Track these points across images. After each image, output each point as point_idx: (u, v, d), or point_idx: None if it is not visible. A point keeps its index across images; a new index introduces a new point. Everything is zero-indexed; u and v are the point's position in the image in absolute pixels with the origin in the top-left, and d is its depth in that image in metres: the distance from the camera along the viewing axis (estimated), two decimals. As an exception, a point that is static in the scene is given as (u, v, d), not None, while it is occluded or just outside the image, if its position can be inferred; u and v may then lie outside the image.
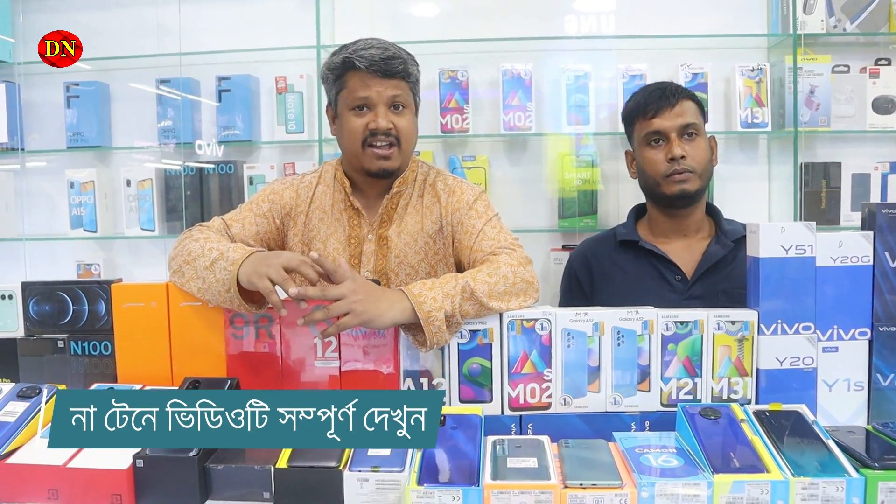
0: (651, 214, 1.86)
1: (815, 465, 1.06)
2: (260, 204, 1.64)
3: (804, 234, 1.28)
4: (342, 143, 1.63)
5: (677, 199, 1.74)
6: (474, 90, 2.68)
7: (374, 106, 1.55)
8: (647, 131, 1.76)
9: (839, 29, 2.55)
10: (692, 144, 1.74)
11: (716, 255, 1.74)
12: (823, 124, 2.57)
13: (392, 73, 1.54)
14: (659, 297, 1.68)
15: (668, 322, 1.30)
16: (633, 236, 1.83)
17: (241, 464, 1.11)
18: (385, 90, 1.55)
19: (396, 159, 1.58)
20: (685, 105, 1.75)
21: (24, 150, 2.85)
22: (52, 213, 2.93)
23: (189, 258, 1.38)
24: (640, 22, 2.64)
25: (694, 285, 1.74)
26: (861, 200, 2.55)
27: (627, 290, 1.76)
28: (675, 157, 1.72)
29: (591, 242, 1.94)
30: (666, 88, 1.77)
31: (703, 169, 1.75)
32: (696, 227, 1.81)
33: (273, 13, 2.79)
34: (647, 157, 1.77)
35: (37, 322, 1.45)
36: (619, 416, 1.30)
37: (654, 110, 1.75)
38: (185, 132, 2.77)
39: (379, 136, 1.55)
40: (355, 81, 1.55)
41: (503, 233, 1.55)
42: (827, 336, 1.30)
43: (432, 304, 1.26)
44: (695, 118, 1.75)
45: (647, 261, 1.79)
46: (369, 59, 1.52)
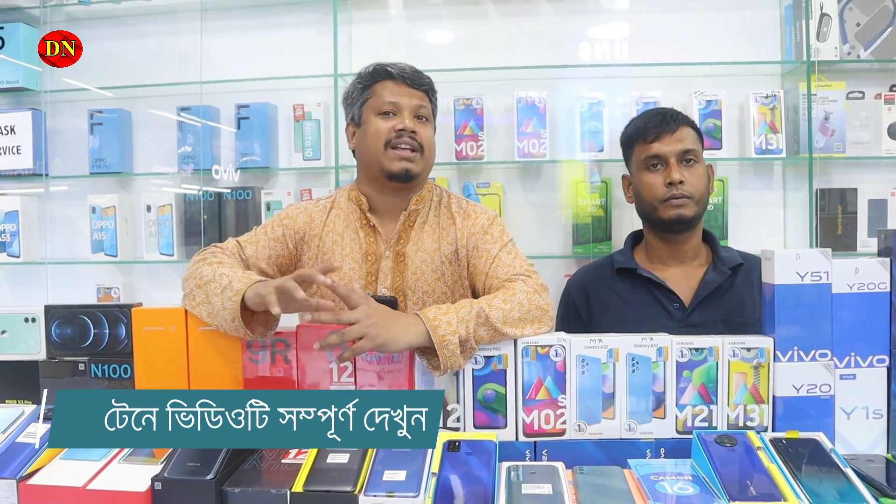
0: (648, 240, 1.86)
1: (834, 493, 1.05)
2: (274, 228, 1.66)
3: (820, 260, 1.28)
4: (363, 150, 1.65)
5: (674, 223, 1.73)
6: (489, 117, 2.71)
7: (401, 111, 1.61)
8: (647, 155, 1.76)
9: (853, 56, 2.56)
10: (690, 171, 1.74)
11: (713, 283, 1.73)
12: (839, 150, 2.56)
13: (420, 84, 1.65)
14: (657, 324, 1.68)
15: (682, 349, 1.30)
16: (631, 264, 1.82)
17: (257, 487, 1.11)
18: (412, 99, 1.63)
19: (419, 164, 1.61)
20: (685, 131, 1.75)
21: (48, 175, 2.91)
22: (74, 237, 2.98)
23: (201, 282, 1.40)
24: (653, 49, 2.67)
25: (692, 313, 1.73)
26: (877, 226, 2.54)
27: (625, 317, 1.76)
28: (673, 181, 1.71)
29: (589, 270, 1.94)
30: (667, 114, 1.78)
31: (701, 196, 1.74)
32: (692, 253, 1.81)
33: (291, 42, 2.85)
34: (645, 181, 1.77)
35: (58, 345, 1.47)
36: (633, 442, 1.30)
37: (655, 135, 1.75)
38: (204, 159, 2.82)
39: (404, 137, 1.59)
40: (384, 89, 1.63)
41: (518, 259, 1.56)
42: (844, 363, 1.30)
43: (447, 328, 1.27)
44: (694, 145, 1.76)
45: (644, 288, 1.78)
46: (401, 69, 1.64)
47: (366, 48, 2.80)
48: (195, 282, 1.41)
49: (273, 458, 1.21)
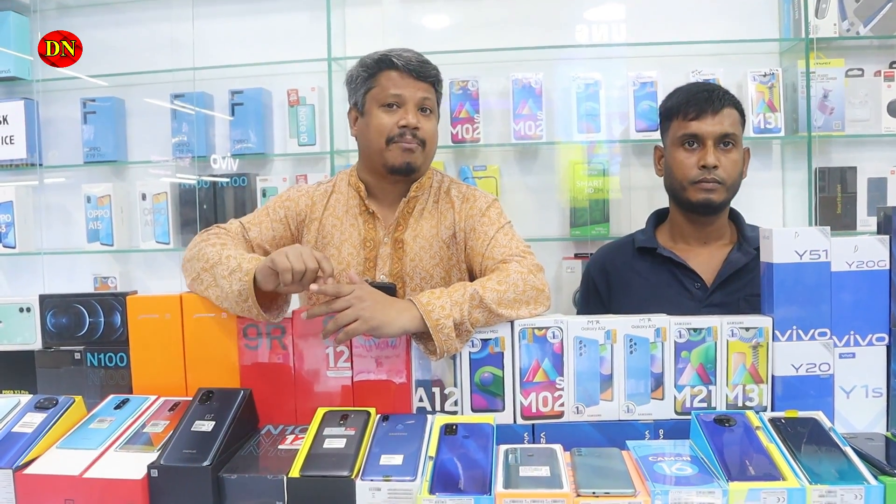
0: (673, 218, 1.82)
1: (833, 472, 1.05)
2: (276, 209, 1.65)
3: (818, 238, 1.27)
4: (364, 141, 1.64)
5: (701, 207, 1.70)
6: (485, 100, 2.69)
7: (405, 104, 1.58)
8: (684, 132, 1.71)
9: (852, 32, 2.54)
10: (727, 155, 1.69)
11: (737, 263, 1.71)
12: (838, 128, 2.54)
13: (425, 76, 1.60)
14: (677, 305, 1.66)
15: (681, 329, 1.29)
16: (652, 243, 1.79)
17: (254, 473, 1.11)
18: (417, 91, 1.59)
19: (420, 157, 1.60)
20: (728, 113, 1.70)
21: (42, 165, 2.90)
22: (70, 227, 2.97)
23: (207, 265, 1.38)
24: (650, 29, 2.64)
25: (714, 293, 1.71)
26: (877, 205, 2.52)
27: (645, 297, 1.74)
28: (707, 165, 1.67)
29: (609, 249, 1.92)
30: (714, 91, 1.71)
31: (733, 182, 1.71)
32: (717, 234, 1.78)
33: (285, 27, 2.82)
34: (679, 158, 1.72)
35: (54, 334, 1.47)
36: (632, 424, 1.29)
37: (696, 112, 1.69)
38: (199, 146, 2.80)
39: (407, 134, 1.57)
40: (389, 79, 1.59)
41: (514, 240, 1.55)
42: (843, 342, 1.29)
43: (440, 312, 1.26)
44: (734, 128, 1.70)
45: (665, 268, 1.76)
46: (406, 59, 1.58)
47: (360, 32, 2.78)
48: (201, 265, 1.40)
49: (270, 444, 1.21)
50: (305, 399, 1.36)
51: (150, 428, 1.25)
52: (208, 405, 1.25)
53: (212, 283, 1.37)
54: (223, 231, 1.55)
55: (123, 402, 1.33)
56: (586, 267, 1.94)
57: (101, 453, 1.18)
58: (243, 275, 1.31)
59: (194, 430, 1.19)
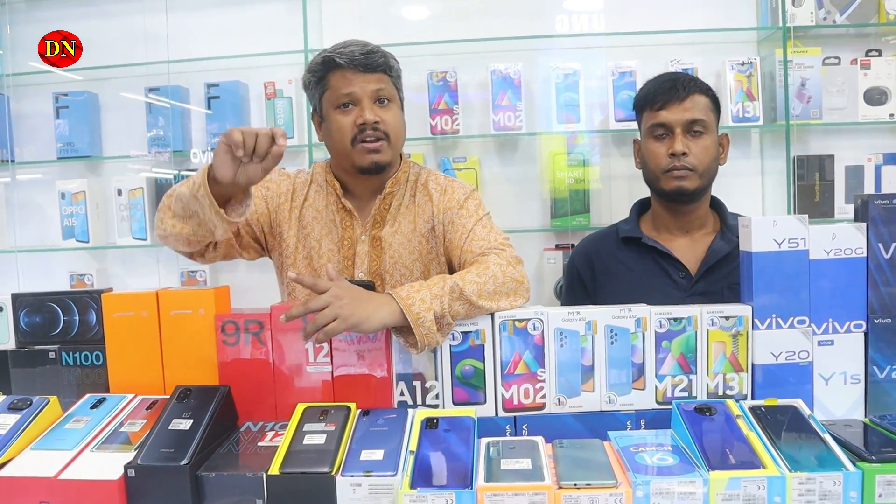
0: (654, 209, 1.83)
1: (812, 459, 1.05)
2: (257, 188, 1.62)
3: (797, 227, 1.28)
4: (331, 145, 1.61)
5: (675, 195, 1.72)
6: (464, 91, 2.68)
7: (359, 101, 1.54)
8: (653, 122, 1.73)
9: (829, 21, 2.55)
10: (696, 142, 1.70)
11: (720, 252, 1.72)
12: (815, 117, 2.56)
13: (373, 66, 1.54)
14: (663, 294, 1.67)
15: (661, 319, 1.29)
16: (636, 233, 1.80)
17: (233, 471, 1.10)
18: (368, 84, 1.54)
19: (387, 153, 1.57)
20: (696, 99, 1.71)
21: (14, 161, 2.85)
22: (44, 224, 2.92)
23: (171, 192, 1.42)
24: (628, 19, 2.64)
25: (698, 282, 1.72)
26: (855, 192, 2.54)
27: (631, 287, 1.74)
28: (675, 152, 1.68)
29: (593, 239, 1.92)
30: (678, 80, 1.73)
31: (706, 168, 1.71)
32: (699, 222, 1.79)
33: (260, 19, 2.79)
34: (650, 149, 1.74)
35: (28, 333, 1.44)
36: (614, 414, 1.29)
37: (663, 102, 1.71)
38: (175, 140, 2.77)
39: (367, 130, 1.54)
40: (338, 79, 1.54)
41: (493, 232, 1.54)
42: (822, 329, 1.30)
43: (420, 305, 1.25)
44: (703, 114, 1.71)
45: (650, 258, 1.77)
46: (349, 55, 1.53)
47: (337, 23, 2.75)
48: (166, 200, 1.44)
49: (249, 441, 1.20)
50: (285, 395, 1.34)
51: (127, 427, 1.23)
52: (186, 403, 1.24)
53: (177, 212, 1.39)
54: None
55: (100, 402, 1.31)
56: (570, 258, 1.94)
57: (77, 454, 1.16)
58: (198, 177, 1.31)
59: (172, 428, 1.17)
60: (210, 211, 1.32)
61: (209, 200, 1.30)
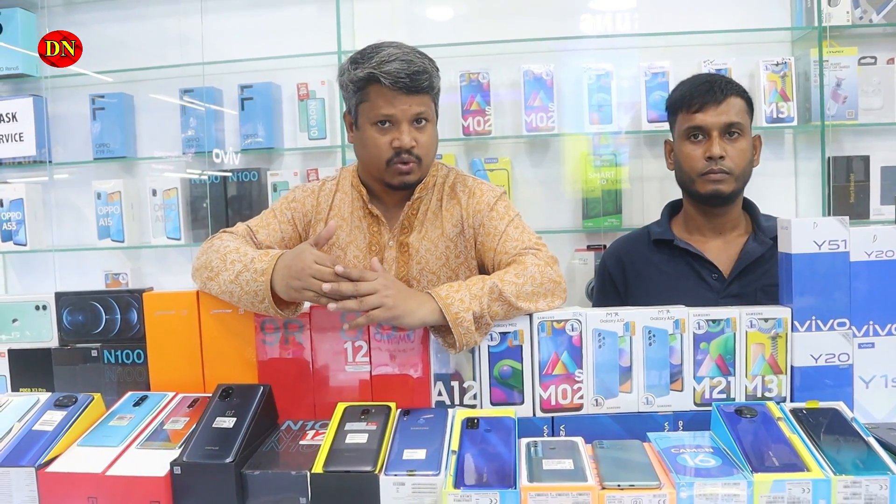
0: (686, 210, 1.82)
1: (857, 462, 1.04)
2: (283, 211, 1.64)
3: (837, 228, 1.27)
4: (362, 154, 1.59)
5: (710, 198, 1.70)
6: (495, 92, 2.68)
7: (398, 123, 1.50)
8: (689, 125, 1.71)
9: (865, 20, 2.52)
10: (733, 145, 1.69)
11: (753, 253, 1.70)
12: (851, 117, 2.53)
13: (419, 89, 1.48)
14: (695, 296, 1.66)
15: (699, 321, 1.29)
16: (668, 235, 1.79)
17: (277, 469, 1.11)
18: (410, 108, 1.48)
19: (417, 173, 1.55)
20: (732, 102, 1.69)
21: (51, 162, 2.90)
22: (80, 223, 2.98)
23: (212, 274, 1.37)
24: (661, 19, 2.62)
25: (731, 284, 1.70)
26: (891, 193, 2.50)
27: (663, 289, 1.72)
28: (713, 156, 1.66)
29: (624, 241, 1.91)
30: (715, 82, 1.71)
31: (742, 171, 1.70)
32: (732, 224, 1.77)
33: (293, 20, 2.81)
34: (686, 151, 1.73)
35: (70, 332, 1.47)
36: (652, 416, 1.29)
37: (699, 104, 1.69)
38: (208, 141, 2.80)
39: (403, 154, 1.50)
40: (378, 97, 1.48)
41: (526, 233, 1.54)
42: (863, 332, 1.28)
43: (460, 305, 1.26)
44: (740, 117, 1.70)
45: (682, 260, 1.75)
46: (395, 75, 1.45)
47: (369, 24, 2.76)
48: (207, 275, 1.38)
49: (291, 440, 1.21)
50: (323, 394, 1.36)
51: (169, 425, 1.25)
52: (228, 401, 1.25)
53: (218, 290, 1.37)
54: (229, 234, 1.54)
55: (142, 399, 1.34)
56: (602, 259, 1.93)
57: (123, 450, 1.19)
58: (257, 275, 1.30)
59: (216, 426, 1.19)
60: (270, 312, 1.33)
61: (274, 311, 1.31)
